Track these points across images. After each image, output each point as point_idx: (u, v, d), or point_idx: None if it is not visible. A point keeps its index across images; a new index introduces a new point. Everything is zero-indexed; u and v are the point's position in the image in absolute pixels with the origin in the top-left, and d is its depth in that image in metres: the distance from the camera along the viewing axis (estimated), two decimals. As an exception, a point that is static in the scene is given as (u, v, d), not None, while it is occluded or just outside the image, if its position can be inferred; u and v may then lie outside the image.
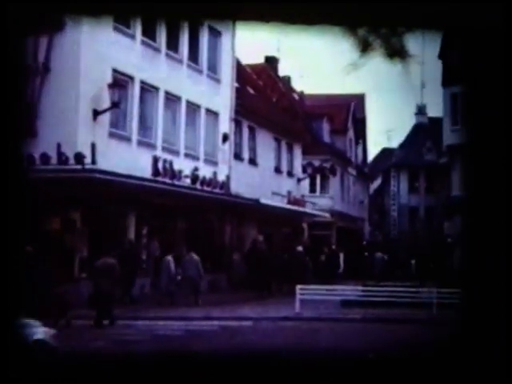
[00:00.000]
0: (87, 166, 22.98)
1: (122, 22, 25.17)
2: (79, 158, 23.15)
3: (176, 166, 28.65)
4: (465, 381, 5.22)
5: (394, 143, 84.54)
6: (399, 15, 4.76)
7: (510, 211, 4.76)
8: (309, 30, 4.82)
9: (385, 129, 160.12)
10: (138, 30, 27.29)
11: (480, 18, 4.62)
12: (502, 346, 4.75)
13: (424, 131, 73.24)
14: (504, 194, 4.80)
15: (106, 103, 24.93)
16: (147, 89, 28.32)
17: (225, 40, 34.35)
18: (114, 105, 25.08)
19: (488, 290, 4.92)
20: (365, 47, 5.15)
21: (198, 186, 29.96)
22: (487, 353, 4.89)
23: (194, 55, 31.88)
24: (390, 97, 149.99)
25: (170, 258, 25.86)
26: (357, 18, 4.82)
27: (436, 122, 61.14)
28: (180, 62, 30.74)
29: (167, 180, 27.77)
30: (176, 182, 28.24)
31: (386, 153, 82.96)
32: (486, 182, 4.98)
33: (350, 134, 61.47)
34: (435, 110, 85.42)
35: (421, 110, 77.00)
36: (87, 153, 23.33)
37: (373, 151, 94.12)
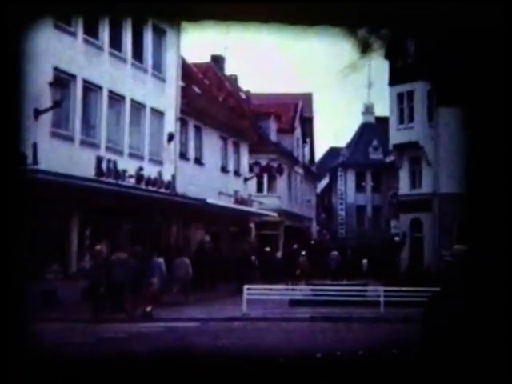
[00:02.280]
0: (29, 167, 22.46)
1: (64, 20, 24.71)
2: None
3: (120, 166, 28.27)
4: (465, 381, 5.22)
5: (341, 142, 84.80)
6: (399, 15, 4.76)
7: (510, 212, 4.75)
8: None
9: (332, 128, 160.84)
10: (80, 28, 26.81)
11: (480, 18, 4.63)
12: (502, 346, 4.75)
13: (371, 130, 73.72)
14: (504, 194, 4.80)
15: (47, 102, 24.41)
16: (90, 88, 27.86)
17: (170, 38, 34.02)
18: (56, 104, 24.57)
19: (488, 290, 4.93)
20: (365, 48, 5.17)
21: (142, 186, 29.61)
22: (487, 353, 4.89)
23: (138, 54, 31.49)
24: (338, 96, 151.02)
25: (161, 260, 25.74)
26: (357, 18, 4.82)
27: (383, 122, 61.58)
28: (124, 60, 30.33)
29: (111, 180, 27.36)
30: (120, 183, 27.86)
31: (333, 152, 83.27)
32: (485, 182, 4.99)
33: (297, 133, 61.49)
34: (382, 109, 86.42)
35: (368, 110, 77.49)
36: (29, 153, 22.81)
37: (320, 150, 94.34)
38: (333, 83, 66.39)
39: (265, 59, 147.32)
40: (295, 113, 60.26)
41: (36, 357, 5.20)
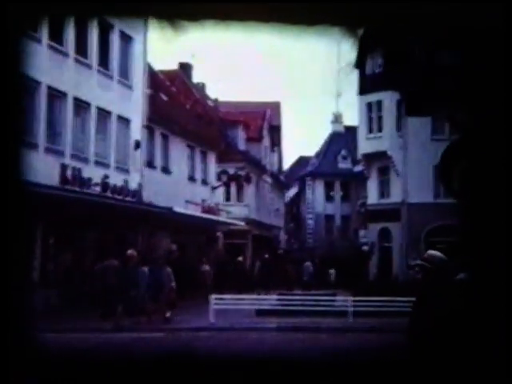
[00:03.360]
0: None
1: (29, 24, 24.28)
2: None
3: (85, 174, 27.88)
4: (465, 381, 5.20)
5: (310, 151, 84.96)
6: (399, 15, 4.71)
7: (510, 212, 4.68)
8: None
9: (301, 137, 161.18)
10: (45, 34, 26.39)
11: (480, 17, 4.62)
12: (502, 346, 4.68)
13: (340, 140, 73.85)
14: (504, 194, 4.73)
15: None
16: (55, 94, 27.42)
17: (136, 45, 33.70)
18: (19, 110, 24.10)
19: (488, 290, 4.87)
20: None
21: (108, 194, 29.20)
22: (487, 353, 4.85)
23: (104, 60, 31.13)
24: (306, 105, 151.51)
25: (145, 269, 25.63)
26: (356, 18, 4.79)
27: (351, 131, 61.71)
28: (89, 67, 29.94)
29: (76, 188, 26.92)
30: (85, 191, 27.43)
31: (301, 161, 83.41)
32: (485, 182, 4.96)
33: (266, 141, 61.42)
34: (351, 118, 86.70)
35: (337, 119, 77.67)
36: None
37: (289, 159, 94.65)
38: (301, 92, 66.65)
39: (233, 67, 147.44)
40: (263, 121, 60.19)
41: (36, 358, 5.07)
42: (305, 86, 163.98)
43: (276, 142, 67.57)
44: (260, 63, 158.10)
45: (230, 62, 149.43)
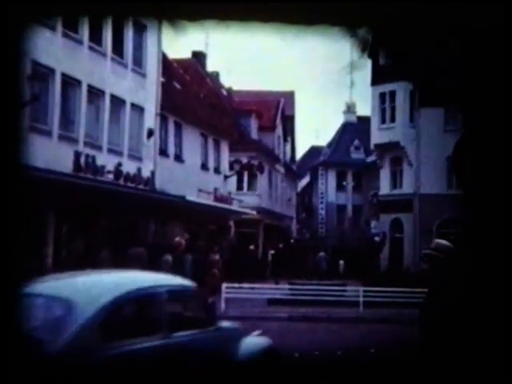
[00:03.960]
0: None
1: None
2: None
3: (99, 162, 27.94)
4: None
5: (323, 141, 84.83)
6: (399, 15, 4.67)
7: (510, 212, 4.67)
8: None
9: (313, 127, 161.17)
10: (59, 22, 26.42)
11: (480, 17, 4.58)
12: (502, 346, 4.66)
13: (352, 130, 73.68)
14: (504, 194, 4.72)
15: (25, 96, 24.02)
16: (69, 82, 27.46)
17: (150, 34, 33.67)
18: (34, 98, 24.20)
19: (488, 290, 4.87)
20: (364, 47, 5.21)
21: (121, 182, 29.28)
22: (487, 353, 4.84)
23: (118, 49, 31.13)
24: (320, 95, 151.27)
25: (169, 257, 25.18)
26: (356, 17, 4.75)
27: (364, 121, 61.59)
28: (104, 55, 29.95)
29: (89, 176, 27.02)
30: (98, 178, 27.52)
31: (314, 151, 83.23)
32: (485, 182, 4.98)
33: (279, 131, 61.32)
34: (364, 108, 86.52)
35: (350, 109, 77.48)
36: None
37: (301, 149, 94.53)
38: (315, 82, 66.58)
39: (247, 57, 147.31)
40: (277, 111, 60.06)
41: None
42: (318, 76, 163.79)
43: (289, 132, 67.44)
44: (274, 52, 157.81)
45: (244, 51, 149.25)
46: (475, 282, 5.80)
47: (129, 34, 31.90)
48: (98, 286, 8.34)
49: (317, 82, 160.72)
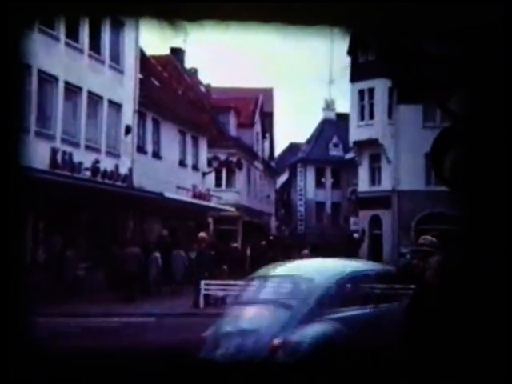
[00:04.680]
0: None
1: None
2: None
3: (76, 159, 27.76)
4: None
5: (302, 138, 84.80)
6: (399, 15, 4.76)
7: (510, 211, 4.75)
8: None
9: (292, 124, 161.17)
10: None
11: (480, 17, 4.66)
12: (502, 347, 4.74)
13: (331, 127, 73.76)
14: (504, 194, 4.80)
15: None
16: (46, 78, 27.23)
17: (128, 30, 33.45)
18: (10, 94, 23.99)
19: (488, 290, 4.95)
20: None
21: (98, 179, 29.10)
22: (487, 352, 4.89)
23: (95, 45, 30.91)
24: (299, 92, 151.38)
25: (157, 254, 29.27)
26: (356, 18, 4.83)
27: (343, 118, 61.69)
28: (81, 51, 29.72)
29: (66, 173, 26.81)
30: (76, 175, 27.32)
31: (293, 148, 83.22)
32: (485, 181, 5.02)
33: (257, 128, 61.25)
34: (343, 105, 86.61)
35: (328, 106, 77.53)
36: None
37: (280, 146, 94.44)
38: (294, 79, 66.63)
39: (226, 53, 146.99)
40: (255, 107, 59.98)
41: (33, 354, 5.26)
42: (297, 73, 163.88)
43: (268, 129, 67.44)
44: (253, 49, 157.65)
45: (223, 48, 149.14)
46: (464, 277, 5.93)
47: (106, 30, 31.68)
48: (329, 268, 11.94)
49: (296, 79, 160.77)
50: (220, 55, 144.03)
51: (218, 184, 50.13)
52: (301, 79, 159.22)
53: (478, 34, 4.77)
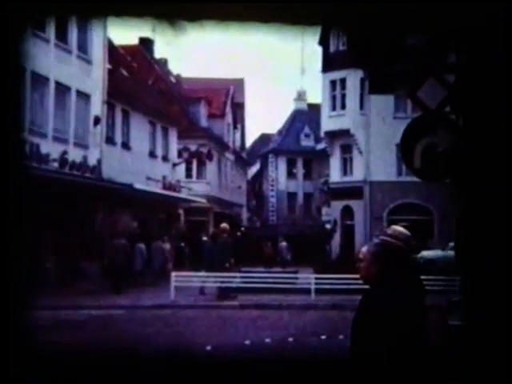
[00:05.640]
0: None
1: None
2: None
3: (43, 150, 27.30)
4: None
5: (273, 129, 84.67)
6: (399, 15, 4.78)
7: (510, 210, 4.72)
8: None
9: (264, 114, 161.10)
10: None
11: (480, 17, 4.68)
12: (502, 347, 4.70)
13: (303, 117, 73.66)
14: (504, 193, 4.79)
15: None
16: (12, 68, 26.73)
17: (95, 20, 32.95)
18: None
19: (488, 289, 4.92)
20: None
21: (66, 170, 28.66)
22: (488, 352, 4.84)
23: (62, 35, 30.42)
24: (270, 82, 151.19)
25: (142, 245, 30.76)
26: (356, 18, 4.86)
27: (315, 108, 61.57)
28: (47, 41, 29.23)
29: (34, 164, 26.36)
30: (43, 167, 26.87)
31: (264, 138, 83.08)
32: (485, 181, 5.03)
33: (228, 118, 61.04)
34: (315, 96, 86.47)
35: (300, 96, 77.40)
36: None
37: (251, 136, 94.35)
38: (266, 69, 66.45)
39: (196, 43, 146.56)
40: (226, 98, 59.77)
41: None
42: (269, 63, 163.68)
43: (239, 119, 67.26)
44: (224, 39, 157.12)
45: (193, 38, 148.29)
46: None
47: (73, 20, 31.19)
48: None
49: (267, 70, 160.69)
50: (190, 45, 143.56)
51: (189, 175, 49.92)
52: (272, 70, 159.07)
53: (478, 34, 4.77)
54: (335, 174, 48.09)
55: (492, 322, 4.76)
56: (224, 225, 27.05)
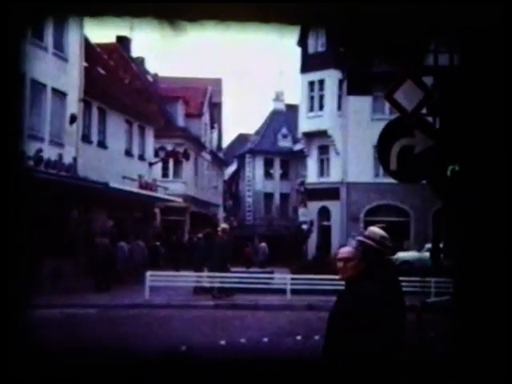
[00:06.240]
0: None
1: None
2: None
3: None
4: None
5: (250, 129, 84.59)
6: (399, 15, 4.79)
7: (510, 209, 4.75)
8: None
9: (241, 114, 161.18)
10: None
11: (480, 17, 4.69)
12: (502, 346, 4.71)
13: (280, 118, 73.66)
14: (504, 193, 4.81)
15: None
16: (-14, 65, 26.47)
17: (72, 17, 32.71)
18: None
19: (487, 289, 4.93)
20: None
21: (41, 168, 28.41)
22: (487, 353, 4.86)
23: (38, 32, 30.13)
24: (248, 82, 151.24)
25: (123, 243, 31.44)
26: (356, 18, 4.86)
27: (293, 109, 61.62)
28: (23, 37, 28.96)
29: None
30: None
31: (241, 138, 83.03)
32: (485, 182, 5.03)
33: (206, 118, 60.90)
34: (293, 96, 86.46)
35: (278, 97, 77.40)
36: None
37: (228, 136, 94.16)
38: (244, 69, 66.50)
39: (174, 42, 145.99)
40: (204, 98, 59.63)
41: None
42: (247, 63, 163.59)
43: (216, 119, 67.14)
44: (202, 39, 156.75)
45: (171, 37, 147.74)
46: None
47: (49, 18, 30.91)
48: None
49: (245, 70, 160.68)
50: (168, 44, 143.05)
51: (165, 174, 49.77)
52: (250, 70, 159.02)
53: (478, 34, 4.77)
54: (312, 175, 48.09)
55: (492, 321, 4.78)
56: (224, 225, 27.99)
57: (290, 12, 4.60)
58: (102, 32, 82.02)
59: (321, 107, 46.21)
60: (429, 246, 28.55)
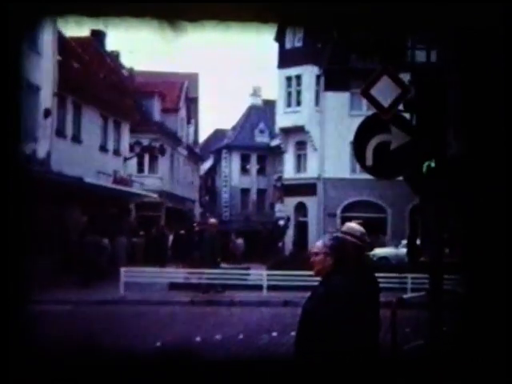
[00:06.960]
0: None
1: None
2: None
3: (-10, 142, 26.68)
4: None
5: (227, 124, 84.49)
6: (398, 15, 4.79)
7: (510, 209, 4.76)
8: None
9: (218, 109, 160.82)
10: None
11: (480, 18, 4.71)
12: (502, 346, 4.70)
13: (258, 113, 73.57)
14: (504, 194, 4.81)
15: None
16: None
17: (46, 10, 32.35)
18: None
19: (488, 289, 4.94)
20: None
21: (15, 162, 28.06)
22: (487, 353, 4.86)
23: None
24: (225, 77, 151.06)
25: (106, 240, 31.58)
26: (355, 18, 4.88)
27: (270, 105, 61.56)
28: (-5, 30, 28.59)
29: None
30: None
31: (217, 134, 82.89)
32: (485, 184, 5.03)
33: (182, 113, 60.62)
34: (270, 92, 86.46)
35: (255, 92, 77.31)
36: None
37: (205, 132, 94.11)
38: (221, 64, 66.42)
39: (150, 36, 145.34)
40: (180, 92, 59.36)
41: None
42: (224, 58, 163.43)
43: (192, 114, 66.93)
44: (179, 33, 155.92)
45: (147, 31, 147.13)
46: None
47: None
48: None
49: (222, 65, 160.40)
50: (143, 38, 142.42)
51: (141, 169, 49.42)
52: (227, 65, 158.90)
53: (478, 34, 4.78)
54: (289, 171, 48.05)
55: (492, 321, 4.75)
56: (213, 220, 28.61)
57: (291, 12, 4.63)
58: (75, 26, 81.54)
59: (298, 103, 46.14)
60: (405, 241, 28.52)
